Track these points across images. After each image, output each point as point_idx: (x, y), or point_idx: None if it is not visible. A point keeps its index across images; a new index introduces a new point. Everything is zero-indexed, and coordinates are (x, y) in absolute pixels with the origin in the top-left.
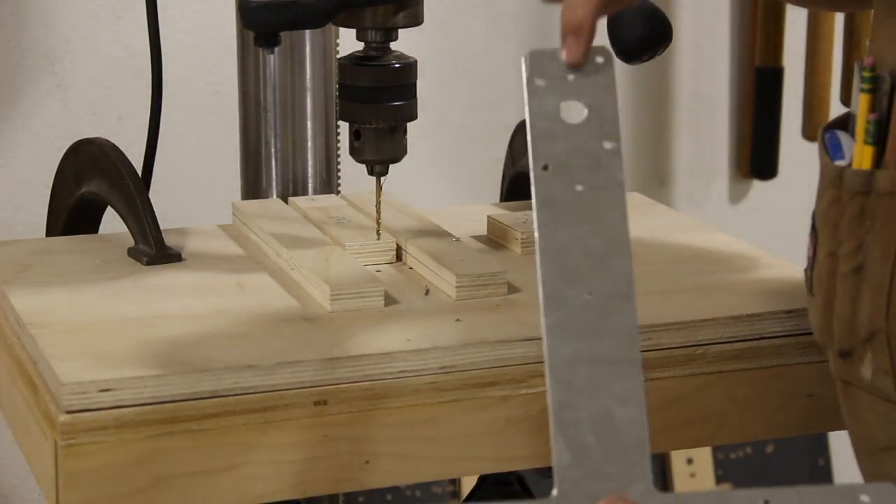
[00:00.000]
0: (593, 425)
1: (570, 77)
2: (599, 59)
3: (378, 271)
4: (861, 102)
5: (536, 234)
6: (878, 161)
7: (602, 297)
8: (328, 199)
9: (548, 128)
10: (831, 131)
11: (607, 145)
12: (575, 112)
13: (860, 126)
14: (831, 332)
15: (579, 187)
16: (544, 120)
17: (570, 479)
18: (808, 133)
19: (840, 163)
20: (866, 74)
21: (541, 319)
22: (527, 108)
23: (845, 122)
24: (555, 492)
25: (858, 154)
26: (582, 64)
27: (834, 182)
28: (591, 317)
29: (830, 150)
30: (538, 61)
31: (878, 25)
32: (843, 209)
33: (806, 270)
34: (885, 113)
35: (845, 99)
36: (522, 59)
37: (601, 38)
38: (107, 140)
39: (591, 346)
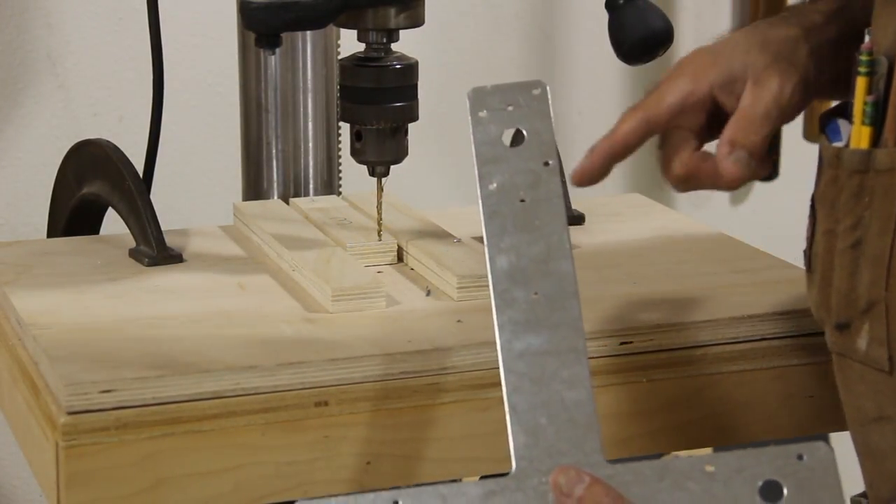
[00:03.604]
0: (545, 409)
1: (510, 108)
2: (536, 91)
3: (379, 272)
4: (858, 85)
5: (485, 244)
6: (876, 141)
7: (547, 295)
8: (329, 200)
9: (492, 152)
10: (830, 117)
11: (546, 164)
12: (516, 137)
13: (858, 108)
14: (829, 306)
15: (522, 201)
16: (488, 146)
17: (526, 457)
18: (809, 134)
19: (838, 144)
20: (864, 58)
21: (493, 318)
22: (472, 136)
23: (843, 110)
24: (513, 469)
25: (856, 134)
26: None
27: (831, 163)
28: (539, 313)
29: (829, 134)
30: (480, 96)
31: (877, 14)
32: (840, 188)
33: (805, 251)
34: (882, 95)
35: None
36: (467, 96)
37: (599, 40)
38: (108, 141)
39: (540, 339)
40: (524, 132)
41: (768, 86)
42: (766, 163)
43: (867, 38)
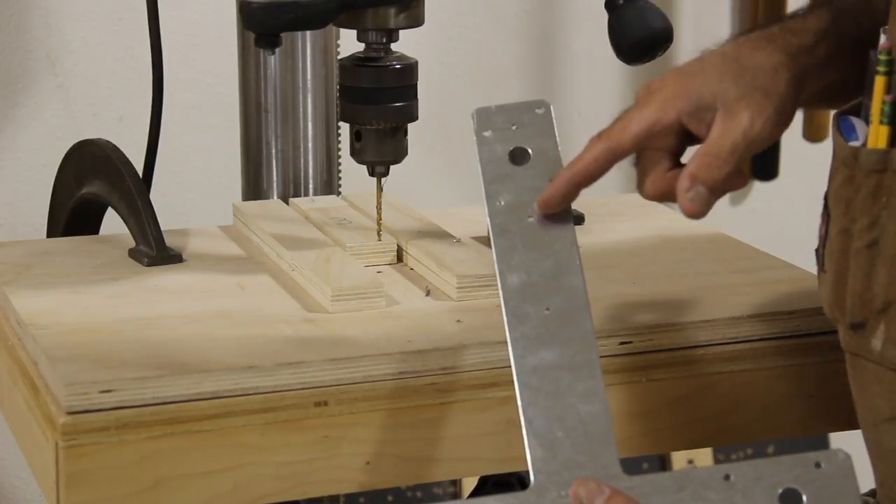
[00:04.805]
0: (561, 422)
1: (514, 127)
2: (539, 110)
3: (379, 272)
4: (877, 84)
5: (495, 261)
6: (894, 140)
7: (559, 310)
8: (329, 200)
9: (498, 171)
10: (844, 116)
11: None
12: (521, 156)
13: (876, 107)
14: (843, 306)
15: (530, 219)
16: (494, 165)
17: (544, 470)
18: (809, 134)
19: (854, 143)
20: (882, 57)
21: (506, 334)
22: (478, 156)
23: (858, 109)
24: (532, 483)
25: (874, 134)
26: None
27: (847, 162)
28: (551, 328)
29: (844, 133)
30: (484, 116)
31: (894, 14)
32: (857, 187)
33: (817, 249)
34: None
35: None
36: (471, 116)
37: (599, 40)
38: (108, 141)
39: (553, 354)
40: (529, 151)
41: (738, 119)
42: (739, 178)
43: (883, 38)
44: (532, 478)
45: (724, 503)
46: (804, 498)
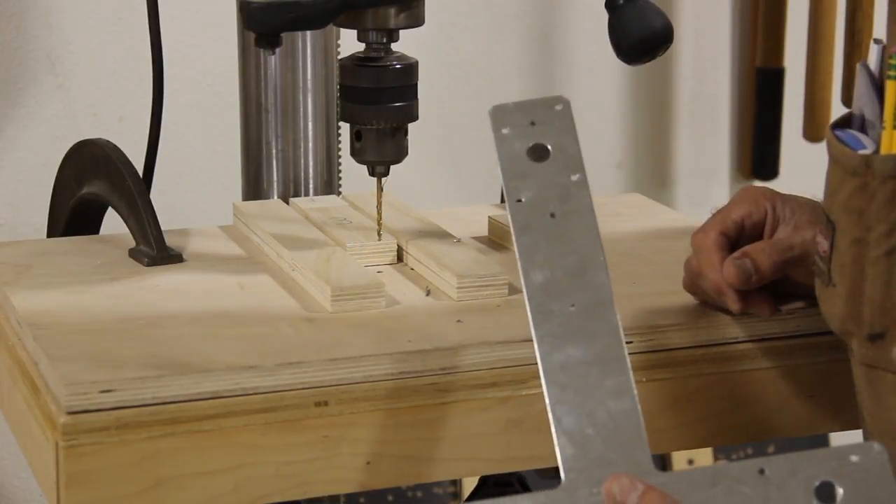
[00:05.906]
0: (591, 419)
1: (532, 124)
2: (559, 107)
3: (379, 272)
4: (888, 89)
5: (518, 258)
6: None
7: (584, 306)
8: (329, 200)
9: (518, 168)
10: (841, 129)
11: (574, 177)
12: (541, 153)
13: (888, 112)
14: (859, 317)
15: (553, 215)
16: (513, 162)
17: (575, 468)
18: (809, 134)
19: (864, 152)
20: (893, 62)
21: (531, 332)
22: (497, 153)
23: (848, 122)
24: (563, 481)
25: (887, 139)
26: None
27: (859, 171)
28: (577, 325)
29: (850, 144)
30: (501, 114)
31: (893, 19)
32: (871, 195)
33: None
34: None
35: (846, 100)
36: (488, 114)
37: (599, 40)
38: (108, 141)
39: (580, 350)
40: (549, 147)
41: (803, 232)
42: (768, 303)
43: (876, 47)
44: (563, 476)
45: (759, 497)
46: (840, 491)
